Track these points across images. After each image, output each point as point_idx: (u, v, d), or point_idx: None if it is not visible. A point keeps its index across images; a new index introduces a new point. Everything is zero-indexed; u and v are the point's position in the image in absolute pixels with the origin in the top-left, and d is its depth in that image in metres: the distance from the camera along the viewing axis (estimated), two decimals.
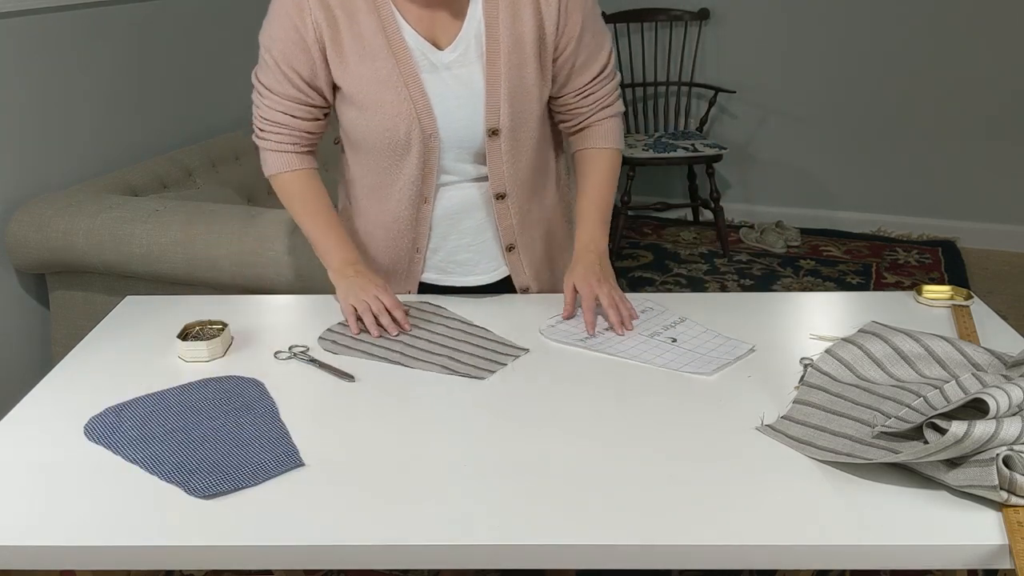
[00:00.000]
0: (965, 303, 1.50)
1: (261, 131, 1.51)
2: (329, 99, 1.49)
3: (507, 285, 1.61)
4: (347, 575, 2.03)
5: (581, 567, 0.95)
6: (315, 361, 1.34)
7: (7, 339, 2.39)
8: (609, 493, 1.01)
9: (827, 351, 1.26)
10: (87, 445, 1.13)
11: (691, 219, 4.50)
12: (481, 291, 1.60)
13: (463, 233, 1.55)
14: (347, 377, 1.29)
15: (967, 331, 1.39)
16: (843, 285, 3.70)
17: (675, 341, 1.38)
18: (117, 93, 2.70)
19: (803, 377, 1.25)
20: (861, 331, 1.28)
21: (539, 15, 1.44)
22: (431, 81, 1.43)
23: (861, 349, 1.24)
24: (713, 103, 4.16)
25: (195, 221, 2.16)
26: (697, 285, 3.73)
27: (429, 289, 1.61)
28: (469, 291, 1.59)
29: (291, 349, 1.38)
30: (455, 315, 1.49)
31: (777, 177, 4.38)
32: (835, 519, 0.96)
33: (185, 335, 1.37)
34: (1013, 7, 3.78)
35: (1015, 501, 0.96)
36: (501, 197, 1.52)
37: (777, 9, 4.11)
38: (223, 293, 2.17)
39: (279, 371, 1.32)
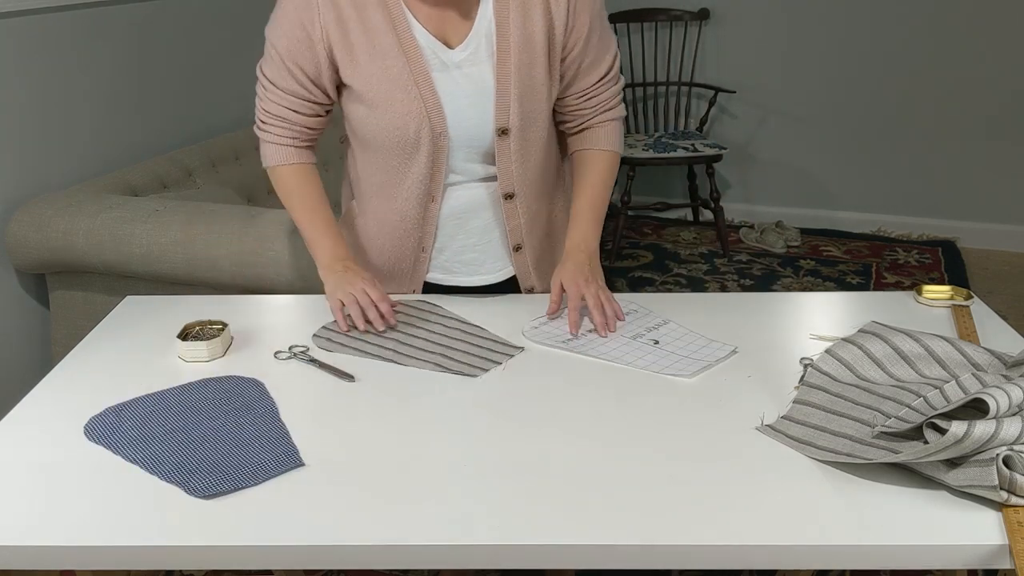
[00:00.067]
0: (965, 303, 1.50)
1: (263, 123, 1.52)
2: (332, 96, 1.49)
3: (511, 285, 1.62)
4: (347, 575, 2.04)
5: (581, 567, 0.95)
6: (315, 361, 1.34)
7: (7, 339, 2.39)
8: (609, 493, 1.01)
9: (827, 351, 1.26)
10: (87, 445, 1.13)
11: (691, 219, 4.50)
12: (485, 291, 1.60)
13: (469, 233, 1.55)
14: (347, 377, 1.29)
15: (967, 331, 1.39)
16: (843, 285, 3.70)
17: (657, 343, 1.38)
18: (117, 93, 2.71)
19: (803, 377, 1.25)
20: (861, 331, 1.28)
21: (549, 15, 1.44)
22: (441, 80, 1.43)
23: (861, 349, 1.24)
24: (713, 103, 4.16)
25: (195, 221, 2.16)
26: (697, 285, 3.73)
27: (434, 289, 1.61)
28: (473, 291, 1.59)
29: (291, 349, 1.38)
30: (451, 314, 1.50)
31: (777, 177, 4.38)
32: (835, 519, 0.96)
33: (185, 335, 1.37)
34: (1013, 7, 3.78)
35: (1015, 501, 0.96)
36: (510, 197, 1.52)
37: (777, 9, 4.11)
38: (223, 293, 2.17)
39: (279, 371, 1.32)
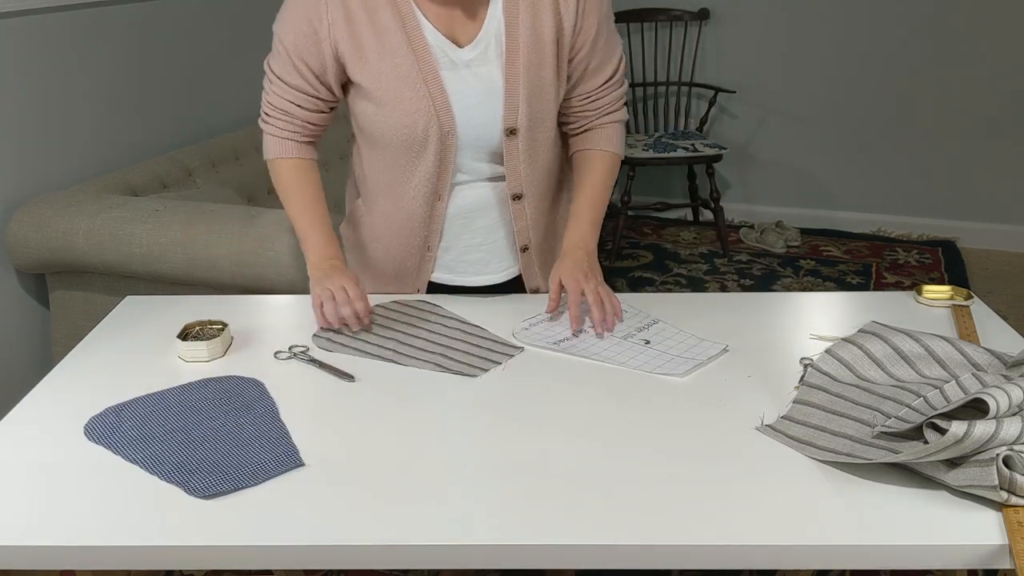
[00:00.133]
0: (965, 303, 1.50)
1: (267, 115, 1.53)
2: (337, 94, 1.50)
3: (515, 286, 1.62)
4: (347, 575, 2.04)
5: (581, 567, 0.95)
6: (315, 361, 1.34)
7: (7, 339, 2.39)
8: (609, 493, 1.01)
9: (827, 351, 1.26)
10: (87, 445, 1.13)
11: (691, 219, 4.50)
12: (490, 291, 1.60)
13: (475, 232, 1.55)
14: (347, 377, 1.29)
15: (967, 331, 1.39)
16: (843, 285, 3.70)
17: (648, 343, 1.38)
18: (117, 93, 2.70)
19: (803, 377, 1.25)
20: (861, 331, 1.28)
21: (558, 15, 1.44)
22: (450, 79, 1.43)
23: (861, 349, 1.24)
24: (713, 103, 4.16)
25: (195, 221, 2.16)
26: (697, 285, 3.73)
27: (439, 289, 1.61)
28: (478, 291, 1.59)
29: (291, 349, 1.38)
30: (451, 314, 1.50)
31: (777, 177, 4.38)
32: (835, 519, 0.96)
33: (185, 335, 1.37)
34: (1013, 7, 3.78)
35: (1015, 501, 0.96)
36: (518, 198, 1.52)
37: (777, 9, 4.11)
38: (223, 293, 2.17)
39: (279, 371, 1.32)
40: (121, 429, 1.15)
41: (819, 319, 1.47)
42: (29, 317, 2.45)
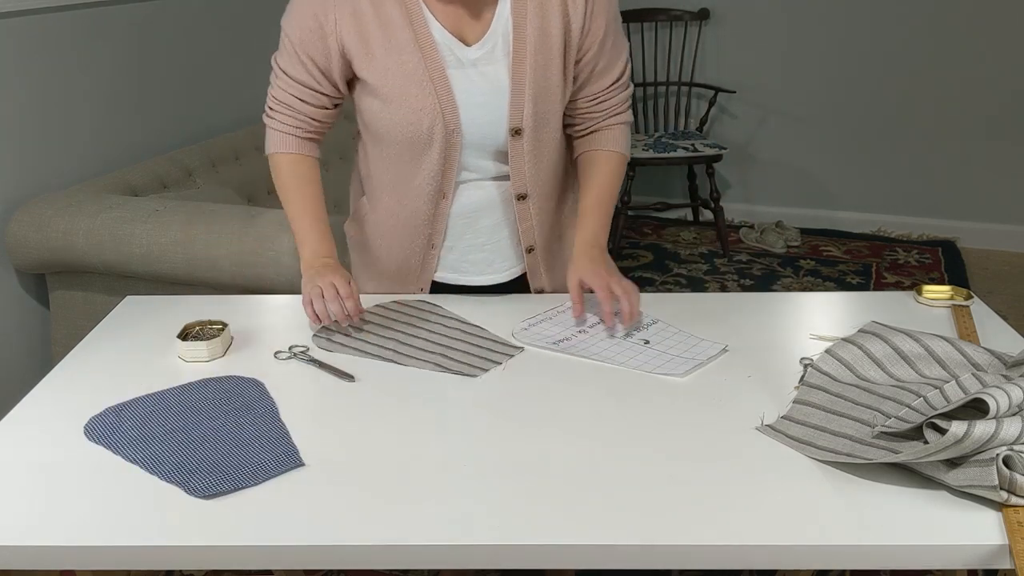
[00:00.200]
0: (965, 303, 1.50)
1: (271, 109, 1.53)
2: (342, 90, 1.50)
3: (519, 286, 1.61)
4: (347, 575, 2.04)
5: (581, 567, 0.95)
6: (315, 361, 1.34)
7: (7, 339, 2.39)
8: (609, 493, 1.01)
9: (827, 351, 1.26)
10: (87, 445, 1.13)
11: (691, 219, 4.50)
12: (493, 291, 1.60)
13: (479, 232, 1.55)
14: (347, 377, 1.29)
15: (967, 331, 1.39)
16: (843, 285, 3.70)
17: (648, 343, 1.38)
18: (117, 93, 2.71)
19: (803, 377, 1.25)
20: (861, 331, 1.28)
21: (566, 16, 1.44)
22: (457, 77, 1.43)
23: (861, 349, 1.24)
24: (713, 103, 4.16)
25: (195, 221, 2.16)
26: (697, 285, 3.73)
27: (442, 288, 1.61)
28: (481, 291, 1.59)
29: (291, 349, 1.38)
30: (451, 313, 1.50)
31: (777, 177, 4.38)
32: (835, 519, 0.96)
33: (185, 335, 1.37)
34: (1013, 7, 3.79)
35: (1015, 501, 0.96)
36: (522, 198, 1.52)
37: (777, 9, 4.11)
38: (223, 293, 2.17)
39: (279, 371, 1.32)
40: (121, 429, 1.15)
41: (819, 319, 1.47)
42: (29, 317, 2.45)
